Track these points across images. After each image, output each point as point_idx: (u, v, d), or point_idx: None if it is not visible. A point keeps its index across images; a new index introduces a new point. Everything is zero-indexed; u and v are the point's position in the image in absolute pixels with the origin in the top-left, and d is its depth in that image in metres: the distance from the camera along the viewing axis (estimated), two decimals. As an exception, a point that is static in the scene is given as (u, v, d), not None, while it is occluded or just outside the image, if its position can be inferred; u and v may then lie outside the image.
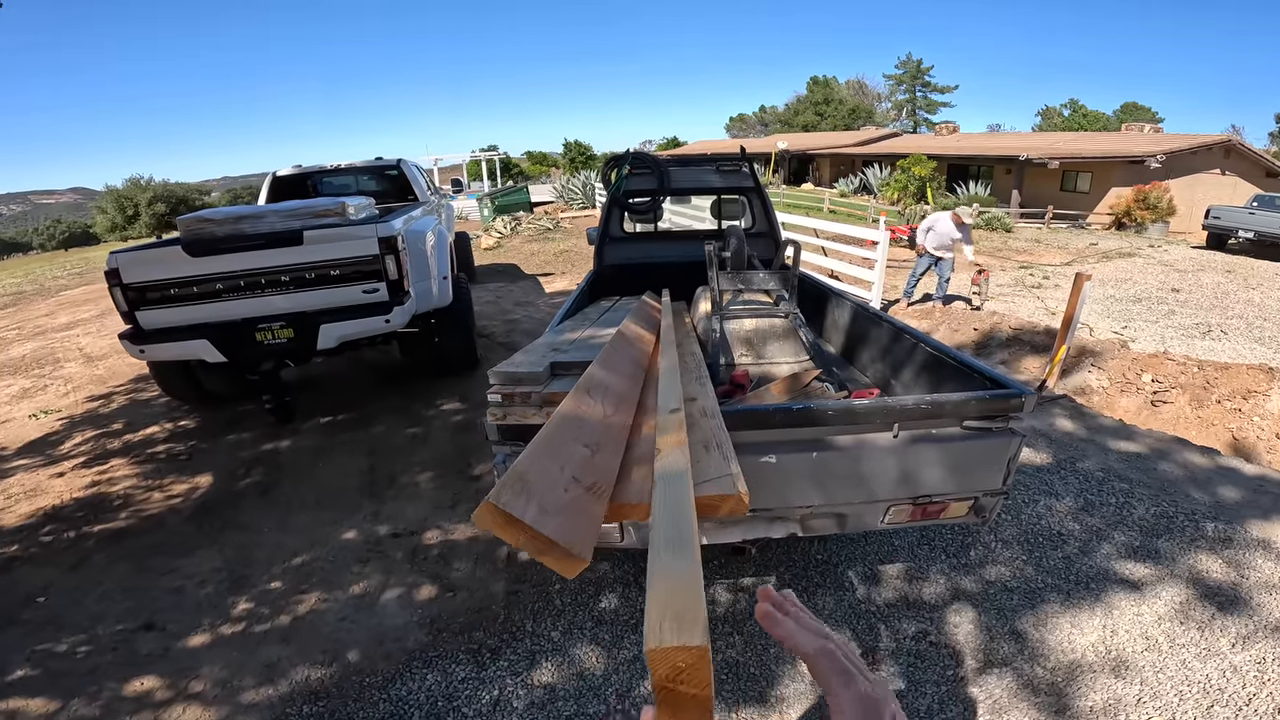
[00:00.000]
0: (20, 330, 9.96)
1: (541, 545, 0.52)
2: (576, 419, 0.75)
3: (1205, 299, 9.45)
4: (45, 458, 4.88)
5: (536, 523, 0.52)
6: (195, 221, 4.39)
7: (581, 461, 0.69)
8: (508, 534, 0.53)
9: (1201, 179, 20.75)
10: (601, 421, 0.79)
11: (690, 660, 0.48)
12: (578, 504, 0.62)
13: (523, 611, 2.92)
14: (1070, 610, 2.81)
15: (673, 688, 0.48)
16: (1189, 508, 3.54)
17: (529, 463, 0.60)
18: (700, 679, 0.48)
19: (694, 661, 0.48)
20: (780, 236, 4.99)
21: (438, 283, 5.04)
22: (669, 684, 0.48)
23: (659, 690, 0.48)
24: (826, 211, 20.82)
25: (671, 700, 0.48)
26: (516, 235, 15.71)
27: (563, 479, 0.63)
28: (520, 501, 0.54)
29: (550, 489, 0.59)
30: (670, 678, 0.48)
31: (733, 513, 0.78)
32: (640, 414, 0.94)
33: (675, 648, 0.48)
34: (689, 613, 0.53)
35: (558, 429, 0.71)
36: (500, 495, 0.52)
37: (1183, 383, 5.58)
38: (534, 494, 0.56)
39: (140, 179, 36.54)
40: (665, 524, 0.62)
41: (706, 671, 0.48)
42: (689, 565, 0.61)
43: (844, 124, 50.63)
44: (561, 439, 0.69)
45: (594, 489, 0.67)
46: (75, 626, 3.01)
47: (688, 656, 0.48)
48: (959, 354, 2.58)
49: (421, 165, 8.12)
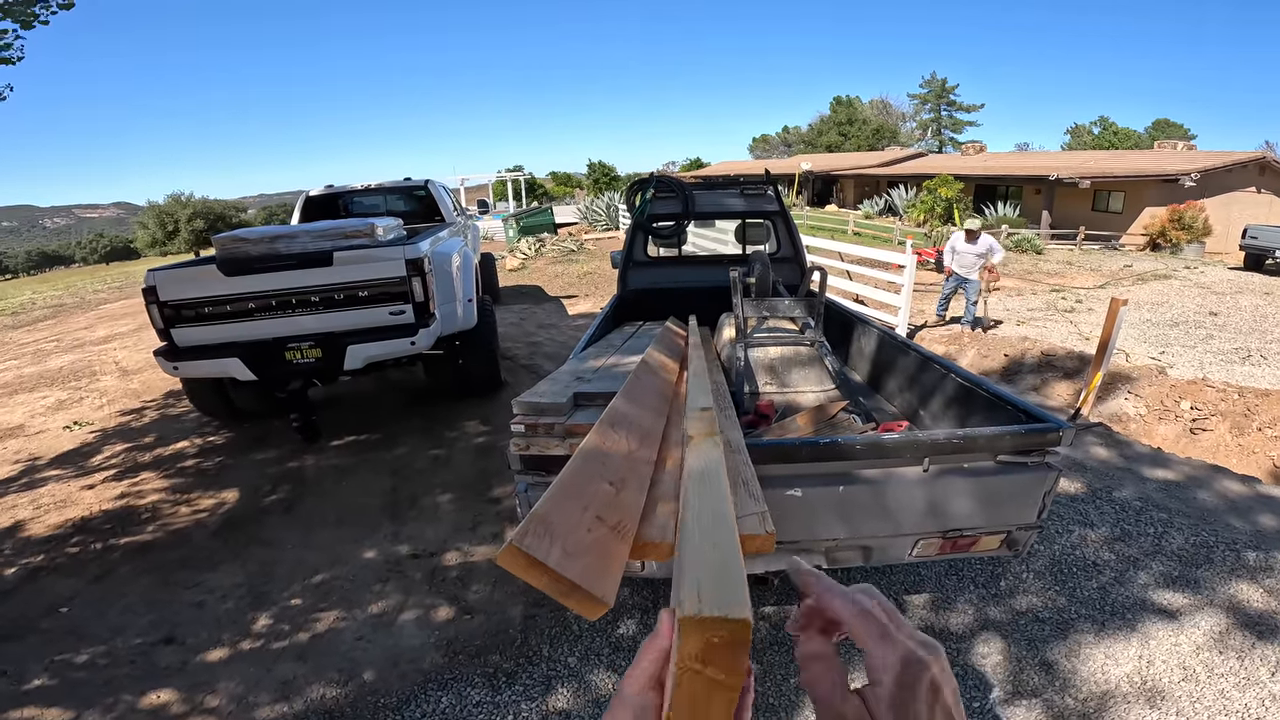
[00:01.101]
0: (59, 342, 10.28)
1: (564, 588, 0.51)
2: (600, 455, 0.73)
3: (1244, 323, 9.17)
4: (77, 469, 5.00)
5: (560, 566, 0.51)
6: (230, 240, 4.50)
7: (605, 499, 0.67)
8: (531, 576, 0.51)
9: (1237, 197, 20.26)
10: (626, 457, 0.77)
11: (729, 636, 0.41)
12: (601, 544, 0.60)
13: (540, 636, 2.89)
14: (1104, 640, 2.74)
15: (699, 670, 0.41)
16: (1229, 536, 3.44)
17: (552, 504, 0.58)
18: (733, 664, 0.41)
19: (732, 639, 0.41)
20: (805, 261, 4.96)
21: (463, 305, 5.08)
22: (696, 664, 0.41)
23: (682, 670, 0.41)
24: (851, 234, 20.71)
25: (692, 684, 0.41)
26: (541, 256, 15.85)
27: (586, 519, 0.61)
28: (544, 544, 0.53)
29: (573, 530, 0.58)
30: (699, 656, 0.41)
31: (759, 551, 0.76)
32: (665, 447, 0.92)
33: (715, 619, 0.41)
34: (730, 582, 0.47)
35: (581, 466, 0.69)
36: (524, 538, 0.50)
37: (1223, 410, 5.41)
38: (557, 536, 0.54)
39: (181, 195, 37.71)
40: (698, 504, 0.59)
41: (743, 657, 0.41)
42: (728, 536, 0.55)
43: (868, 144, 50.48)
44: (585, 477, 0.67)
45: (618, 528, 0.65)
46: (96, 638, 3.05)
47: (727, 631, 0.41)
48: (991, 384, 2.52)
49: (448, 185, 8.25)
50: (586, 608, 0.54)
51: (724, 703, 0.41)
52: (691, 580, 0.47)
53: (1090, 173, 20.30)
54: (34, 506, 4.41)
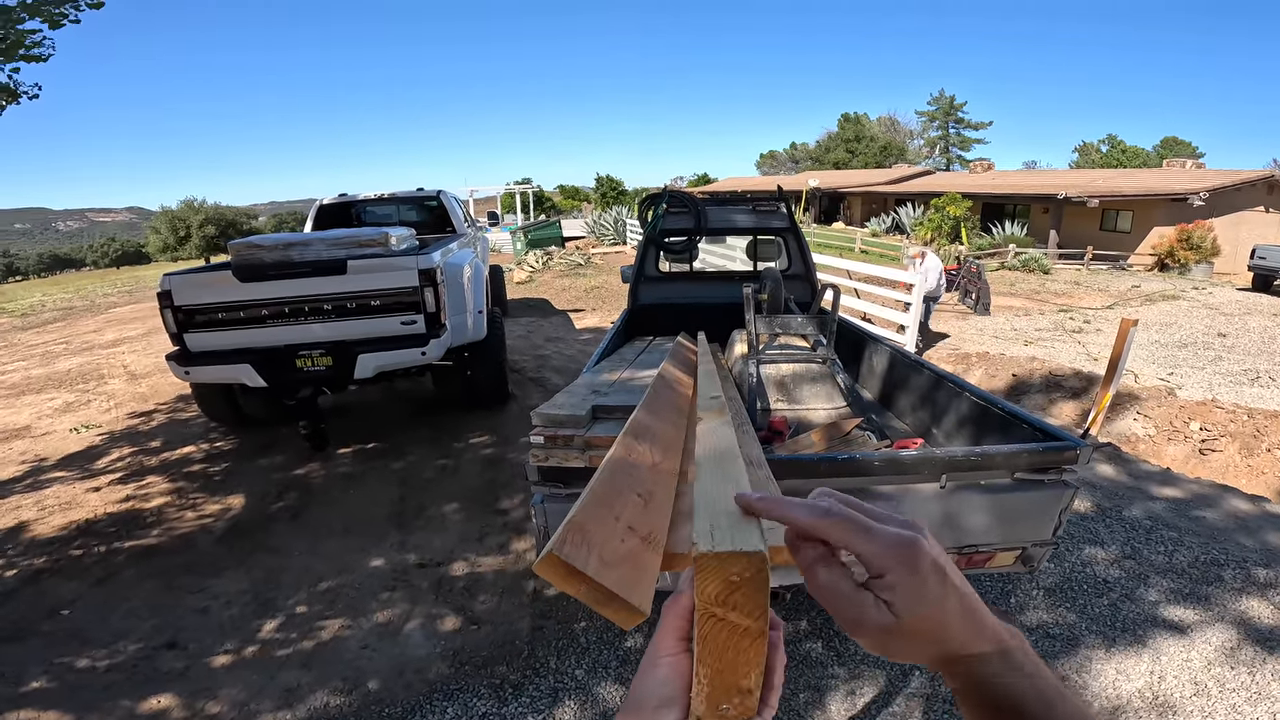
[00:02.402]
0: (68, 345, 10.35)
1: (602, 597, 0.51)
2: (628, 466, 0.74)
3: (1253, 344, 9.12)
4: (83, 471, 5.01)
5: (598, 574, 0.51)
6: (246, 247, 4.54)
7: (636, 510, 0.68)
8: (569, 585, 0.51)
9: (1245, 217, 20.16)
10: (651, 469, 0.78)
11: (749, 572, 0.38)
12: (634, 555, 0.60)
13: (547, 647, 2.87)
14: (1115, 656, 2.74)
15: (721, 614, 0.39)
16: (1238, 554, 3.45)
17: (586, 513, 0.58)
18: (756, 605, 0.39)
19: (752, 574, 0.38)
20: (816, 279, 4.97)
21: (473, 316, 5.10)
22: (717, 608, 0.39)
23: (704, 616, 0.39)
24: (858, 252, 20.72)
25: (717, 633, 0.39)
26: (548, 270, 15.91)
27: (619, 529, 0.62)
28: (582, 553, 0.53)
29: (608, 540, 0.58)
30: (719, 598, 0.38)
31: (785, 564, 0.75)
32: (685, 460, 0.93)
33: (730, 554, 0.39)
34: (744, 519, 0.45)
35: (611, 477, 0.69)
36: (562, 547, 0.50)
37: (1232, 431, 5.39)
38: (594, 545, 0.55)
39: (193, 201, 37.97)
40: (707, 442, 0.57)
41: (764, 593, 0.39)
42: (737, 477, 0.54)
43: (875, 161, 50.62)
44: (616, 488, 0.67)
45: (649, 539, 0.66)
46: (97, 641, 3.04)
47: (745, 566, 0.38)
48: (1006, 403, 2.53)
49: (459, 196, 8.31)
50: (623, 617, 0.54)
51: (753, 651, 0.39)
52: (704, 519, 0.45)
53: (1099, 192, 20.27)
54: (38, 508, 4.41)
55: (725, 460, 0.60)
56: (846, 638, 2.85)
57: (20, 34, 4.63)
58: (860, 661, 2.73)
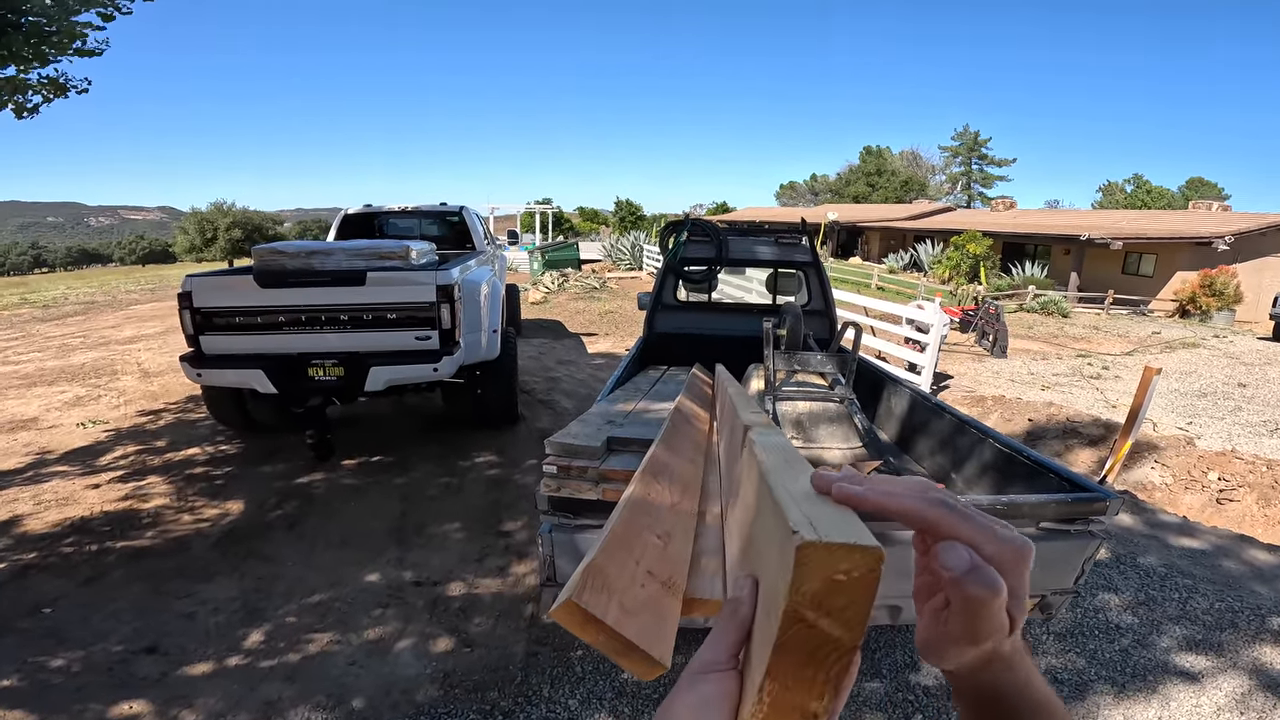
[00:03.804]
0: (85, 339, 10.45)
1: (620, 647, 0.46)
2: (647, 507, 0.69)
3: (1273, 395, 8.97)
4: (85, 467, 4.99)
5: (618, 624, 0.46)
6: (269, 252, 4.56)
7: (655, 554, 0.63)
8: (586, 633, 0.46)
9: (1270, 263, 19.86)
10: (671, 509, 0.73)
11: (859, 570, 0.32)
12: (654, 601, 0.55)
13: (541, 675, 2.79)
14: (1123, 701, 2.68)
15: (814, 619, 0.32)
16: (1254, 603, 3.39)
17: (606, 557, 0.54)
18: (858, 611, 0.32)
19: (864, 573, 0.32)
20: (835, 316, 4.91)
21: (487, 335, 5.06)
22: (809, 610, 0.32)
23: (788, 624, 0.32)
24: (874, 288, 20.64)
25: (800, 641, 0.32)
26: (563, 291, 15.96)
27: (639, 574, 0.57)
28: (602, 600, 0.48)
29: (629, 586, 0.53)
30: (816, 599, 0.32)
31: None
32: (704, 500, 0.88)
33: (841, 546, 0.32)
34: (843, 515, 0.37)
35: (630, 518, 0.64)
36: (582, 594, 0.46)
37: (1250, 481, 5.31)
38: (614, 591, 0.50)
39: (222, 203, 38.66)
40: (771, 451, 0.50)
41: (871, 599, 0.32)
42: (805, 469, 0.47)
43: (896, 196, 50.65)
44: (635, 530, 0.63)
45: (669, 584, 0.61)
46: (76, 641, 2.98)
47: (856, 563, 0.32)
48: (1032, 452, 2.46)
49: (480, 213, 8.38)
50: (642, 669, 0.49)
51: (837, 669, 0.33)
52: (795, 510, 0.36)
53: (1122, 234, 19.96)
54: (34, 502, 4.38)
55: (791, 459, 0.53)
56: (860, 676, 2.75)
57: (73, 25, 4.62)
58: (878, 707, 2.63)
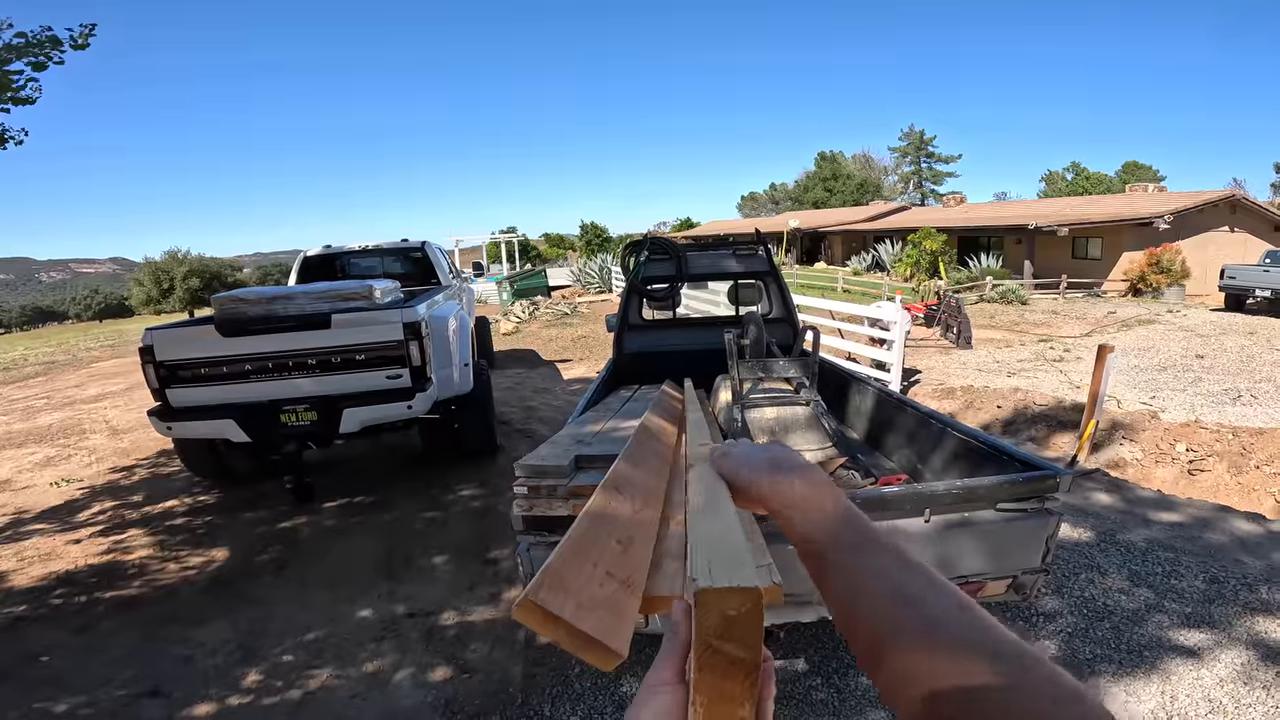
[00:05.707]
0: (50, 400, 10.21)
1: (580, 641, 0.52)
2: (606, 516, 0.75)
3: (1231, 364, 9.29)
4: (63, 524, 4.92)
5: (575, 619, 0.52)
6: (230, 300, 4.53)
7: (614, 556, 0.69)
8: (547, 630, 0.53)
9: (1212, 238, 20.68)
10: (632, 517, 0.79)
11: (743, 607, 0.42)
12: (613, 599, 0.61)
13: (541, 695, 2.82)
14: (1124, 679, 2.71)
15: (718, 646, 0.41)
16: (1240, 572, 3.46)
17: (563, 561, 0.60)
18: (750, 636, 0.42)
19: (747, 609, 0.42)
20: (797, 321, 5.03)
21: (459, 369, 5.06)
22: (715, 640, 0.41)
23: (700, 652, 0.42)
24: (840, 291, 20.96)
25: (714, 664, 0.42)
26: (534, 320, 15.94)
27: (597, 575, 0.63)
28: (558, 598, 0.54)
29: (586, 585, 0.59)
30: (718, 632, 0.41)
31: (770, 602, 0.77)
32: (668, 508, 0.95)
33: (727, 590, 0.42)
34: (737, 556, 0.49)
35: (589, 527, 0.71)
36: (539, 592, 0.52)
37: (1219, 450, 5.47)
38: (571, 591, 0.56)
39: (178, 252, 37.50)
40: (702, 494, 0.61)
41: (758, 628, 0.42)
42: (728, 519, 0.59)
43: (853, 199, 51.68)
44: (594, 536, 0.69)
45: (627, 583, 0.67)
46: (78, 687, 2.96)
47: (740, 601, 0.42)
48: (987, 436, 2.57)
49: (443, 247, 8.38)
50: (602, 659, 0.56)
51: (746, 682, 0.42)
52: (702, 556, 0.48)
53: (1067, 220, 20.74)
54: (17, 559, 4.32)
55: (718, 501, 0.63)
56: (849, 673, 2.81)
57: (5, 75, 4.61)
58: (862, 699, 2.69)
